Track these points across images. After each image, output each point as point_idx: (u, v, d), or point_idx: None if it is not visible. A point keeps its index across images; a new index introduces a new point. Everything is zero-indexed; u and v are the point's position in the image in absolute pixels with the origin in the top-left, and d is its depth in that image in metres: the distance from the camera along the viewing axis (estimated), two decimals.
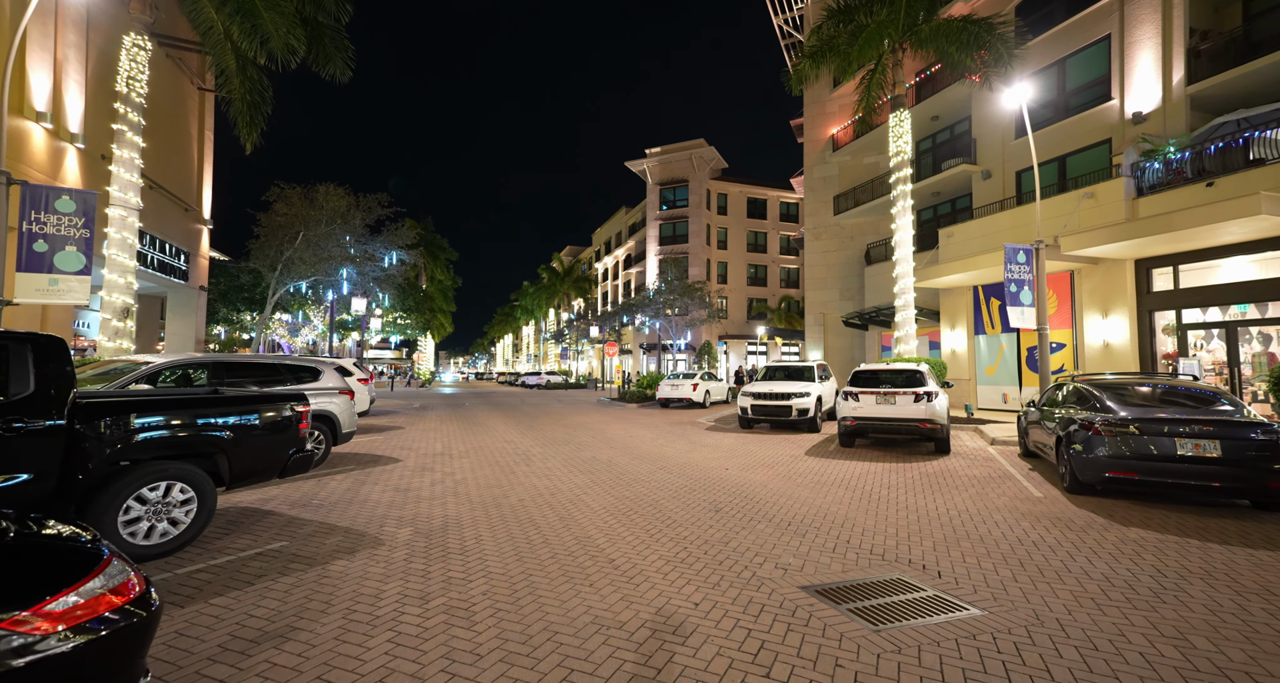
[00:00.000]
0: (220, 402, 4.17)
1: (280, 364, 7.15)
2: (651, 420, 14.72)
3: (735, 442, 10.39)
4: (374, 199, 18.88)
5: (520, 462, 8.19)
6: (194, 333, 17.43)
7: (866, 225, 23.50)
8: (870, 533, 4.62)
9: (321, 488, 6.20)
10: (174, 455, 3.91)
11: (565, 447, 9.77)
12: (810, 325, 24.86)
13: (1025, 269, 9.75)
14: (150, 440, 3.73)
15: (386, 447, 9.53)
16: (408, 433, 11.51)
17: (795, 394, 11.34)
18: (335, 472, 7.13)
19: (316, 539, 4.32)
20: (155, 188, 14.72)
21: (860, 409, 8.65)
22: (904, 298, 13.43)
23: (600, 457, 8.66)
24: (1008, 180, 16.78)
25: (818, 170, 24.89)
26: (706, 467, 7.78)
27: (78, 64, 11.44)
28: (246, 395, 4.39)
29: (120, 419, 3.59)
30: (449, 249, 47.68)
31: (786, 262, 47.03)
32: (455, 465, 7.82)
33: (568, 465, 7.89)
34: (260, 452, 4.40)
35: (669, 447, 9.76)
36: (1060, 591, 3.40)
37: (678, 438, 10.99)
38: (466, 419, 14.97)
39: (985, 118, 17.48)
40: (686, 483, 6.68)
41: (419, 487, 6.38)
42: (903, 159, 13.65)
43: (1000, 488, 6.29)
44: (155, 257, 14.85)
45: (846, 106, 24.17)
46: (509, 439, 10.76)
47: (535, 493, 6.13)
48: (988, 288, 15.66)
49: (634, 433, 11.82)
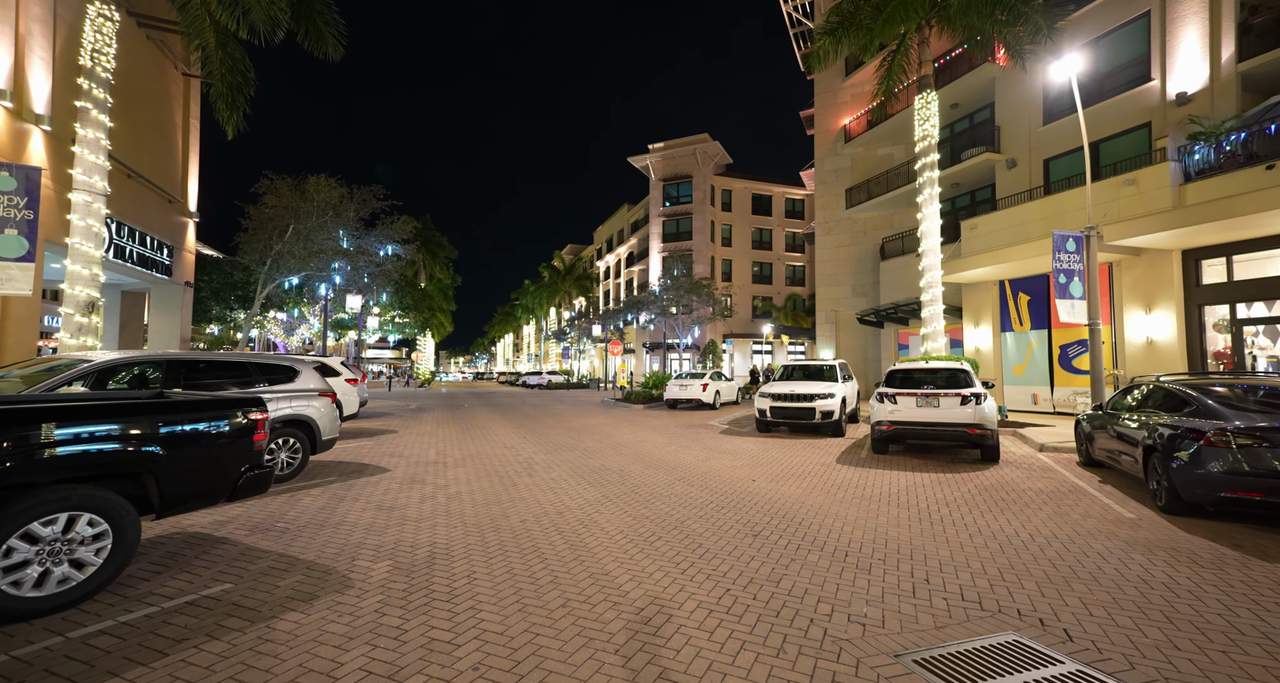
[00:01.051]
0: (150, 408, 3.33)
1: (250, 363, 6.32)
2: (660, 423, 13.88)
3: (755, 447, 9.56)
4: (368, 191, 18.05)
5: (522, 471, 7.36)
6: (179, 331, 16.61)
7: (880, 219, 22.65)
8: (950, 568, 3.78)
9: (293, 505, 5.36)
10: (85, 477, 3.08)
11: (570, 453, 8.93)
12: (821, 323, 24.01)
13: (1075, 258, 8.90)
14: (51, 459, 2.90)
15: (375, 454, 8.69)
16: (400, 438, 10.68)
17: (819, 395, 10.50)
18: (313, 484, 6.30)
19: (270, 579, 3.48)
20: (134, 177, 13.90)
21: (898, 413, 7.81)
22: (931, 293, 12.57)
23: (610, 465, 7.83)
24: (1034, 169, 15.92)
25: (829, 162, 24.02)
26: (730, 477, 6.95)
27: (43, 39, 10.61)
28: (185, 401, 3.55)
29: (9, 432, 2.76)
30: (448, 247, 46.83)
31: (792, 259, 46.20)
32: (449, 476, 6.98)
33: (575, 476, 7.05)
34: (201, 470, 3.56)
35: (684, 453, 8.93)
36: (1250, 665, 2.55)
37: (691, 443, 10.15)
38: (464, 422, 14.14)
39: (1011, 103, 16.62)
40: (711, 498, 5.84)
41: (406, 504, 5.54)
42: (929, 144, 12.80)
43: (1078, 506, 5.44)
44: (134, 250, 14.02)
45: (860, 96, 23.32)
46: (509, 445, 9.93)
47: (540, 512, 5.29)
48: (1015, 282, 14.81)
49: (643, 437, 10.98)
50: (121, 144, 13.47)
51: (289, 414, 6.38)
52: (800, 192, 46.22)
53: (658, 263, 43.46)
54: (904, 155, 21.87)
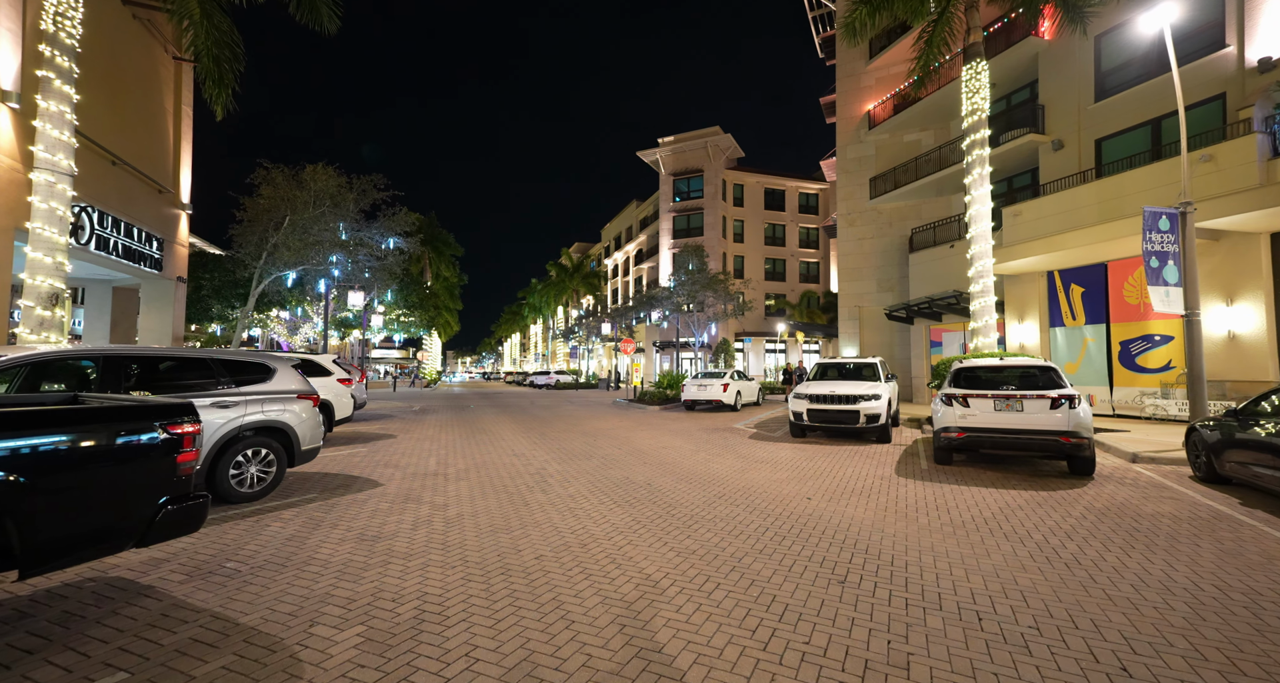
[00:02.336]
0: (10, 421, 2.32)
1: (213, 360, 5.33)
2: (681, 426, 12.82)
3: (794, 455, 8.47)
4: (368, 181, 17.11)
5: (535, 486, 6.33)
6: (171, 329, 15.77)
7: (908, 209, 21.43)
8: (1144, 645, 2.69)
9: (255, 535, 4.36)
10: None
11: (588, 462, 7.89)
12: (844, 320, 22.83)
13: (1168, 239, 7.73)
14: None
15: (368, 463, 7.70)
16: (399, 443, 9.70)
17: (863, 397, 9.39)
18: (286, 504, 5.30)
19: (184, 664, 2.46)
20: (119, 164, 13.04)
21: (971, 418, 6.69)
22: (981, 283, 11.41)
23: (635, 478, 6.78)
24: (1085, 150, 14.68)
25: (852, 150, 22.83)
26: (778, 494, 5.88)
27: (11, 10, 9.72)
28: (67, 410, 2.53)
29: None
30: (454, 244, 45.93)
31: (806, 255, 44.95)
32: (450, 492, 5.96)
33: (597, 491, 6.01)
34: (91, 505, 2.55)
35: (716, 462, 7.86)
36: None
37: (721, 450, 9.09)
38: (470, 425, 13.14)
39: (1057, 80, 15.38)
40: (764, 523, 4.78)
41: (395, 532, 4.52)
42: (980, 118, 11.61)
43: (1242, 540, 4.32)
44: (120, 242, 13.15)
45: (885, 80, 22.12)
46: (519, 452, 8.91)
47: (559, 543, 4.25)
48: (1067, 273, 13.60)
49: (666, 443, 9.93)
50: (104, 129, 12.62)
51: (260, 421, 5.39)
52: (814, 186, 44.97)
53: (668, 260, 42.38)
54: (933, 141, 20.66)
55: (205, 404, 4.95)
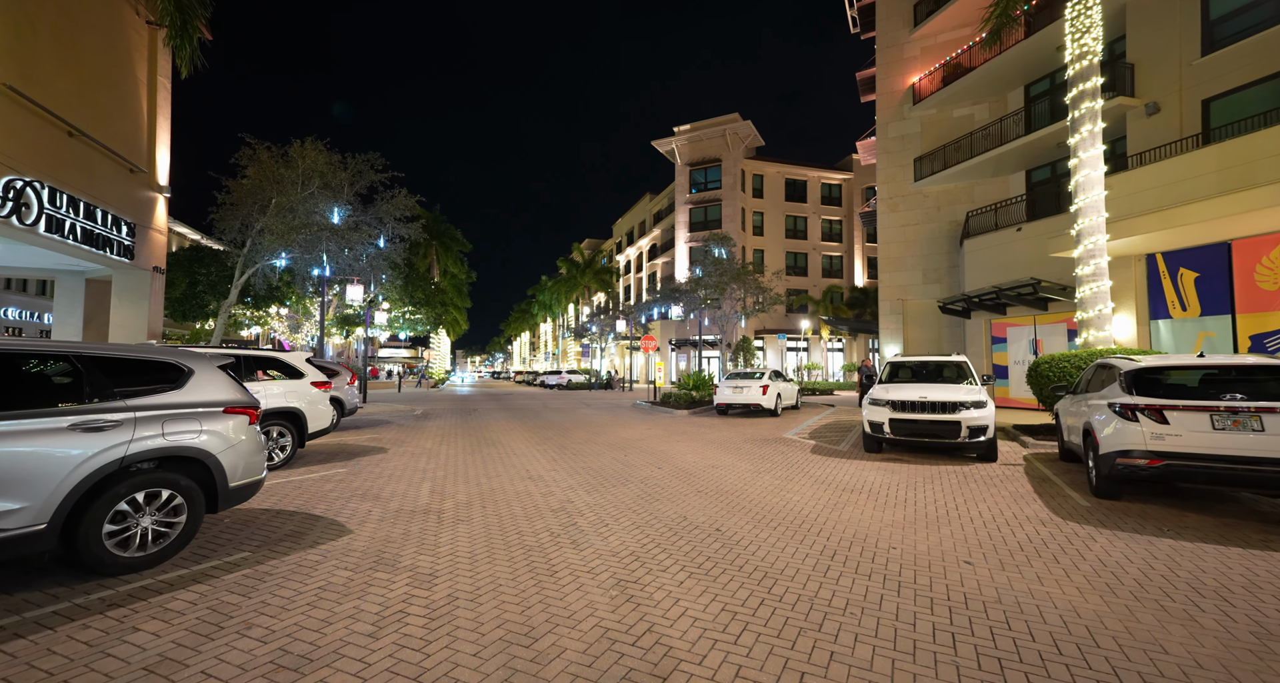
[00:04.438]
0: None
1: (80, 355, 3.57)
2: (721, 435, 10.97)
3: (888, 480, 6.60)
4: (363, 160, 15.41)
5: (562, 533, 4.52)
6: (146, 324, 14.18)
7: (958, 192, 19.39)
8: None
9: (99, 653, 2.58)
10: None
11: (625, 490, 6.08)
12: (885, 314, 20.82)
13: None
14: None
15: (341, 492, 5.93)
16: (389, 460, 7.94)
17: (964, 404, 7.48)
18: (194, 575, 3.53)
19: None
20: (77, 135, 11.42)
21: (1175, 439, 4.74)
22: (1093, 264, 9.44)
23: (695, 517, 4.95)
24: (1187, 113, 12.61)
25: (894, 128, 20.81)
26: (915, 552, 4.02)
27: None
28: None
29: None
30: (461, 240, 44.29)
31: (829, 249, 42.84)
32: (443, 548, 4.17)
33: (649, 542, 4.19)
34: None
35: (792, 491, 6.02)
36: None
37: (788, 471, 7.24)
38: (476, 434, 11.38)
39: (1150, 35, 13.31)
40: (933, 617, 2.94)
41: (342, 643, 2.72)
42: (1090, 63, 9.62)
43: None
44: (79, 224, 11.54)
45: (931, 49, 20.08)
46: (536, 473, 7.11)
47: (612, 659, 2.42)
48: (1174, 255, 11.56)
49: (715, 460, 8.09)
50: (57, 93, 10.96)
51: (160, 448, 3.63)
52: (838, 176, 42.84)
53: (684, 254, 40.52)
54: (988, 115, 18.61)
55: (59, 427, 3.20)
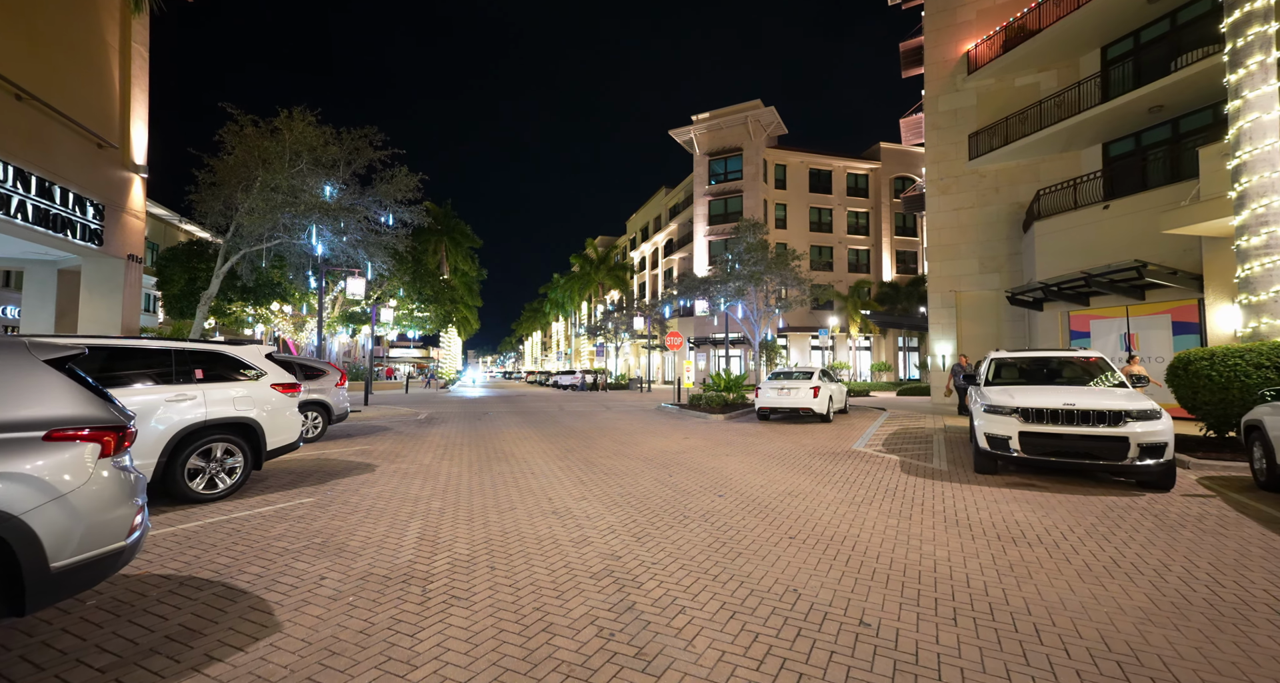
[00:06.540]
0: None
1: None
2: (776, 447, 9.16)
3: (1043, 519, 4.77)
4: (360, 135, 13.81)
5: (614, 626, 2.75)
6: (120, 318, 12.68)
7: (1021, 171, 17.38)
8: None
9: None
10: None
11: (687, 532, 4.32)
12: (935, 308, 18.84)
13: None
14: None
15: (291, 543, 4.23)
16: (373, 485, 6.25)
17: (1130, 414, 5.61)
18: None
19: None
20: (29, 100, 9.93)
21: None
22: (1265, 233, 7.41)
23: (810, 591, 3.17)
24: None
25: (945, 101, 18.82)
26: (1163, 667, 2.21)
27: None
28: None
29: None
30: (472, 236, 42.79)
31: (856, 242, 40.72)
32: (424, 668, 2.42)
33: (757, 643, 2.40)
34: None
35: (930, 543, 4.23)
36: None
37: (897, 503, 5.43)
38: (485, 446, 9.68)
39: None
40: None
41: None
42: None
43: None
44: (29, 202, 10.05)
45: (988, 12, 18.07)
46: (562, 504, 5.37)
47: None
48: None
49: (785, 483, 6.31)
50: (13, 58, 9.58)
51: None
52: (864, 166, 40.70)
53: (703, 248, 38.68)
54: (1057, 83, 16.58)
55: None
